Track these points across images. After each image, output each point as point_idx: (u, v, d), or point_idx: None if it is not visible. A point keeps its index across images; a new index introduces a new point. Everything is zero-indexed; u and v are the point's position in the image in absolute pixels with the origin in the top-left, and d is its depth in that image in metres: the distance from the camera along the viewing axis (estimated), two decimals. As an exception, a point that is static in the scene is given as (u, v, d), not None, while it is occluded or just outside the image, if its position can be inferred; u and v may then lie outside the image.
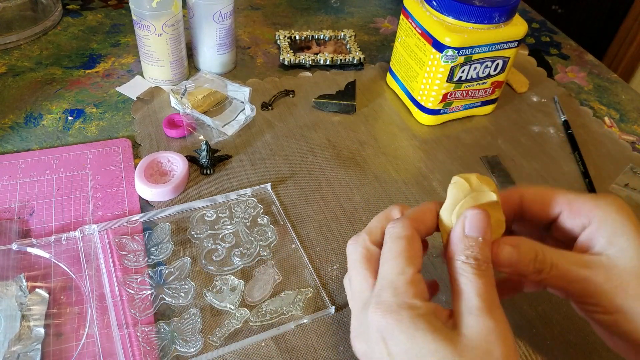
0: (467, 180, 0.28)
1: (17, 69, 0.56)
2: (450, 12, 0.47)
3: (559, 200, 0.29)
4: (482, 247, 0.26)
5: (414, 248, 0.26)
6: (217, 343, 0.34)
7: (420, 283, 0.25)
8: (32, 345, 0.33)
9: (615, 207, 0.27)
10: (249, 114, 0.51)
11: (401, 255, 0.26)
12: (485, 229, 0.26)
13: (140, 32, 0.51)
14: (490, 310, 0.24)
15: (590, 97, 0.62)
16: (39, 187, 0.43)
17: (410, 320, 0.24)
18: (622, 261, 0.26)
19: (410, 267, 0.25)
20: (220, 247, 0.40)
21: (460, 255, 0.26)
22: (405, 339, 0.24)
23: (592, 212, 0.27)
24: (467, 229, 0.26)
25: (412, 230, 0.27)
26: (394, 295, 0.25)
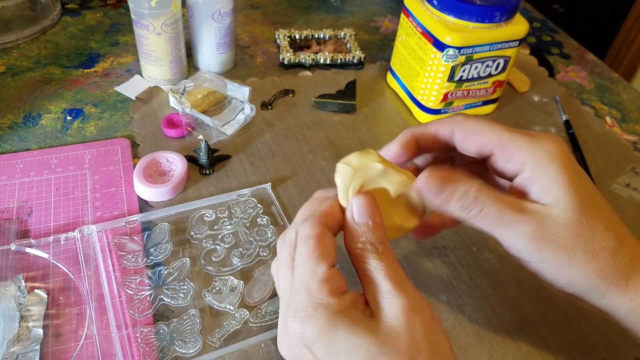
0: (347, 164, 0.28)
1: (16, 68, 0.56)
2: (451, 11, 0.47)
3: (491, 140, 0.27)
4: (374, 230, 0.26)
5: (325, 244, 0.26)
6: (217, 344, 0.34)
7: (335, 278, 0.25)
8: (31, 346, 0.33)
9: (550, 154, 0.26)
10: (249, 113, 0.51)
11: (311, 256, 0.25)
12: (373, 211, 0.26)
13: (139, 31, 0.51)
14: (400, 289, 0.24)
15: (591, 97, 0.61)
16: (37, 187, 0.43)
17: (327, 322, 0.24)
18: (555, 211, 0.25)
19: (321, 265, 0.25)
20: (219, 247, 0.40)
21: (356, 243, 0.26)
22: (327, 341, 0.24)
23: (525, 159, 0.26)
24: (355, 217, 0.26)
25: (320, 227, 0.26)
26: (308, 299, 0.24)
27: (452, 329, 0.36)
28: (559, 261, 0.26)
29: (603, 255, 0.26)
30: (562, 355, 0.36)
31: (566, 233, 0.25)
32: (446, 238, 0.42)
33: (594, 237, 0.26)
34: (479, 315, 0.37)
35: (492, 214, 0.26)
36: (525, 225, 0.25)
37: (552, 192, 0.26)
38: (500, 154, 0.27)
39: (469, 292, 0.39)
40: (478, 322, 0.37)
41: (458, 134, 0.28)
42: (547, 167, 0.26)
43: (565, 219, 0.25)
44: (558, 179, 0.26)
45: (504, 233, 0.26)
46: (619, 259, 0.26)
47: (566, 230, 0.25)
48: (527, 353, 0.36)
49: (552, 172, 0.26)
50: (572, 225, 0.25)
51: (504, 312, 0.38)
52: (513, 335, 0.37)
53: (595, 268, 0.26)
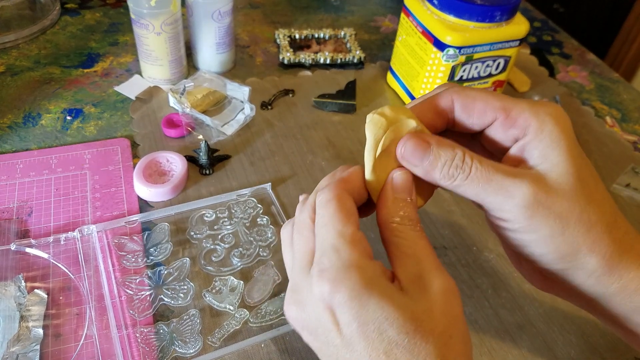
0: (382, 115, 0.26)
1: (16, 68, 0.56)
2: (452, 10, 0.47)
3: (494, 105, 0.25)
4: (411, 207, 0.25)
5: (347, 207, 0.24)
6: (217, 344, 0.34)
7: (362, 241, 0.24)
8: (31, 346, 0.33)
9: (553, 117, 0.24)
10: (249, 113, 0.51)
11: (335, 216, 0.24)
12: (412, 189, 0.25)
13: (138, 31, 0.51)
14: (441, 270, 0.23)
15: (591, 97, 0.61)
16: (37, 187, 0.43)
17: (361, 285, 0.22)
18: (552, 176, 0.24)
19: (347, 226, 0.23)
20: (219, 247, 0.40)
21: (393, 217, 0.24)
22: (358, 306, 0.22)
23: (529, 121, 0.25)
24: (396, 190, 0.25)
25: (340, 190, 0.25)
26: (338, 259, 0.22)
27: (452, 329, 0.36)
28: (551, 230, 0.24)
29: (598, 227, 0.24)
30: (562, 355, 0.36)
31: (562, 200, 0.24)
32: (446, 238, 0.42)
33: (590, 206, 0.24)
34: (479, 315, 0.37)
35: (480, 178, 0.24)
36: (517, 190, 0.23)
37: (552, 157, 0.24)
38: (503, 119, 0.25)
39: (469, 292, 0.39)
40: (478, 323, 0.37)
41: (459, 102, 0.26)
42: (550, 131, 0.24)
43: (561, 184, 0.24)
44: (560, 144, 0.24)
45: (494, 200, 0.24)
46: (613, 233, 0.24)
47: (562, 197, 0.24)
48: (528, 353, 0.36)
49: (554, 136, 0.24)
50: (569, 191, 0.24)
51: (504, 312, 0.38)
52: (513, 336, 0.37)
53: (588, 240, 0.24)
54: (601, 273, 0.24)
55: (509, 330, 0.37)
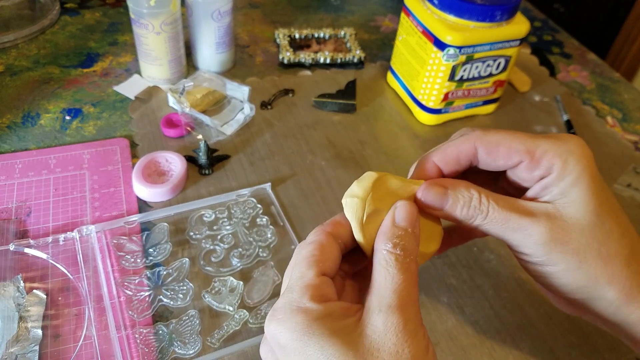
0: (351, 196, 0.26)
1: (15, 68, 0.55)
2: (452, 10, 0.47)
3: (518, 149, 0.26)
4: (411, 238, 0.24)
5: (323, 251, 0.24)
6: (216, 345, 0.34)
7: (323, 286, 0.23)
8: (30, 347, 0.33)
9: (576, 155, 0.25)
10: (248, 113, 0.51)
11: (304, 260, 0.24)
12: (415, 222, 0.25)
13: (138, 31, 0.51)
14: (403, 307, 0.22)
15: (592, 97, 0.61)
16: (36, 187, 0.43)
17: (302, 326, 0.22)
18: (569, 212, 0.25)
19: (311, 269, 0.24)
20: (219, 248, 0.40)
21: (387, 243, 0.24)
22: (298, 347, 0.22)
23: (552, 161, 0.25)
24: (398, 219, 0.25)
25: (324, 235, 0.25)
26: (289, 301, 0.23)
27: (453, 330, 0.36)
28: (567, 265, 0.25)
29: (616, 261, 0.25)
30: (563, 355, 0.36)
31: (579, 235, 0.25)
32: (447, 238, 0.42)
33: (608, 241, 0.25)
34: (479, 316, 0.37)
35: (498, 219, 0.25)
36: (535, 228, 0.25)
37: (572, 194, 0.25)
38: (527, 161, 0.26)
39: (469, 292, 0.39)
40: (479, 323, 0.37)
41: (482, 149, 0.27)
42: (573, 169, 0.25)
43: (579, 220, 0.25)
44: (581, 181, 0.25)
45: (513, 237, 0.25)
46: (633, 266, 0.25)
47: (579, 232, 0.25)
48: (528, 354, 0.35)
49: (576, 174, 0.25)
50: (587, 227, 0.25)
51: (504, 312, 0.38)
52: (514, 336, 0.36)
53: (606, 273, 0.25)
54: (620, 304, 0.25)
55: (510, 330, 0.37)
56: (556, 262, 0.25)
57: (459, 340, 0.36)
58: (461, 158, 0.27)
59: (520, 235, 0.25)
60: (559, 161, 0.25)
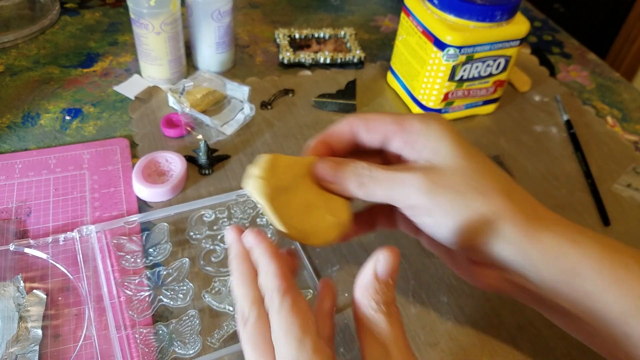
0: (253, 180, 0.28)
1: (15, 68, 0.55)
2: (452, 10, 0.47)
3: (387, 120, 0.30)
4: (392, 289, 0.25)
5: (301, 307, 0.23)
6: (216, 345, 0.34)
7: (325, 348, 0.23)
8: (30, 347, 0.33)
9: (437, 120, 0.29)
10: (248, 113, 0.51)
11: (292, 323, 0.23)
12: (395, 270, 0.25)
13: (138, 31, 0.51)
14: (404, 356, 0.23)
15: (592, 97, 0.61)
16: (36, 187, 0.43)
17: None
18: (441, 161, 0.28)
19: (307, 333, 0.23)
20: (219, 247, 0.40)
21: (370, 301, 0.24)
22: None
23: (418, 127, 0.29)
24: (380, 273, 0.24)
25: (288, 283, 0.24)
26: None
27: (453, 330, 0.36)
28: (452, 203, 0.26)
29: (495, 193, 0.27)
30: (563, 355, 0.36)
31: (454, 176, 0.27)
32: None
33: (484, 179, 0.27)
34: (479, 316, 0.37)
35: (384, 179, 0.28)
36: (415, 177, 0.27)
37: (440, 149, 0.28)
38: (397, 130, 0.29)
39: (469, 292, 0.39)
40: (479, 323, 0.37)
41: (360, 126, 0.30)
42: (435, 130, 0.28)
43: (451, 165, 0.27)
44: (445, 138, 0.28)
45: (399, 192, 0.28)
46: (514, 196, 0.27)
47: (454, 173, 0.27)
48: (528, 354, 0.35)
49: (439, 134, 0.28)
50: (460, 169, 0.27)
51: (504, 312, 0.38)
52: (514, 336, 0.36)
53: (490, 207, 0.26)
54: (519, 239, 0.26)
55: (510, 330, 0.37)
56: (440, 204, 0.27)
57: (459, 340, 0.36)
58: (343, 137, 0.31)
59: (405, 189, 0.27)
60: (423, 125, 0.29)
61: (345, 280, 0.38)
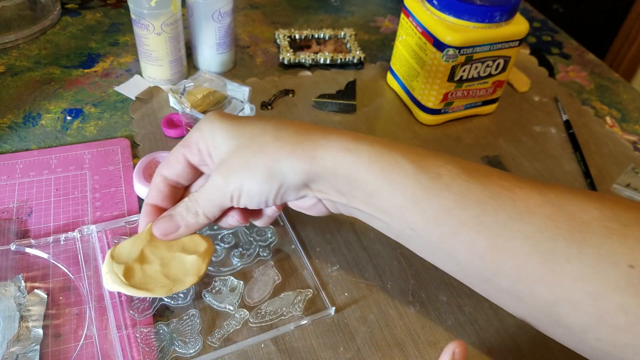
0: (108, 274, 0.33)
1: (16, 68, 0.56)
2: (451, 11, 0.47)
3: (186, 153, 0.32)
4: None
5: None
6: (217, 344, 0.34)
7: None
8: (31, 346, 0.33)
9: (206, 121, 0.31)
10: (249, 113, 0.51)
11: None
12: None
13: (139, 31, 0.51)
14: None
15: (591, 97, 0.61)
16: (37, 187, 0.43)
17: None
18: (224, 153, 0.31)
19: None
20: (219, 247, 0.40)
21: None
22: None
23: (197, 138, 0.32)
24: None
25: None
26: None
27: (452, 329, 0.36)
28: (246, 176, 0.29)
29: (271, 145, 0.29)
30: (562, 355, 0.36)
31: (237, 156, 0.30)
32: (446, 238, 0.42)
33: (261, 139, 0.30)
34: (479, 315, 0.37)
35: (202, 198, 0.32)
36: (214, 182, 0.31)
37: (222, 143, 0.31)
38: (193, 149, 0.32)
39: (468, 291, 0.39)
40: (478, 322, 0.37)
41: (170, 168, 0.33)
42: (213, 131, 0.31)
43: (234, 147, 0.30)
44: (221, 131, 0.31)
45: (218, 200, 0.31)
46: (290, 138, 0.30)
47: (236, 154, 0.30)
48: (528, 353, 0.36)
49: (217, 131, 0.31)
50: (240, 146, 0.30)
51: (504, 312, 0.38)
52: (513, 336, 0.37)
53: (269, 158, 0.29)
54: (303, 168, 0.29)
55: (509, 330, 0.37)
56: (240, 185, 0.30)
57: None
58: (167, 185, 0.34)
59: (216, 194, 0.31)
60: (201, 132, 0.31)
61: (345, 280, 0.39)
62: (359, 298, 0.38)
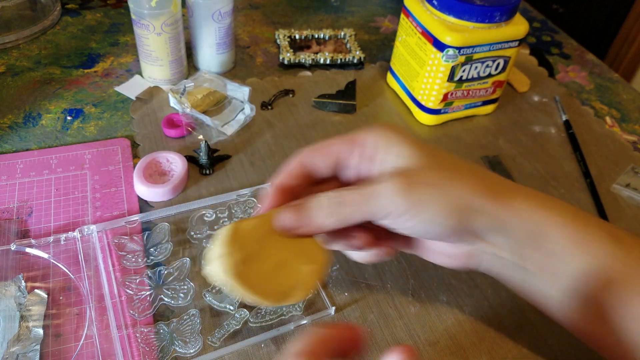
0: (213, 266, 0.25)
1: (16, 68, 0.56)
2: (451, 11, 0.47)
3: (340, 141, 0.30)
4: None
5: None
6: (217, 344, 0.34)
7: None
8: (31, 346, 0.33)
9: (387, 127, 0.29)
10: (249, 113, 0.51)
11: None
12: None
13: (139, 32, 0.51)
14: None
15: (591, 97, 0.61)
16: (37, 187, 0.43)
17: None
18: (405, 163, 0.28)
19: None
20: (219, 247, 0.40)
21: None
22: None
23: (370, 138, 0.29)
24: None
25: None
26: None
27: (452, 329, 0.36)
28: (432, 198, 0.27)
29: (465, 177, 0.28)
30: (562, 355, 0.36)
31: (425, 173, 0.27)
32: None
33: (450, 168, 0.28)
34: (478, 315, 0.38)
35: (355, 198, 0.27)
36: (387, 186, 0.27)
37: (405, 153, 0.28)
38: (355, 150, 0.29)
39: (468, 291, 0.39)
40: (478, 322, 0.37)
41: (315, 154, 0.30)
42: (394, 139, 0.28)
43: (418, 164, 0.28)
44: (402, 142, 0.28)
45: (376, 206, 0.27)
46: (480, 175, 0.28)
47: (424, 171, 0.27)
48: (528, 353, 0.36)
49: (399, 140, 0.28)
50: (427, 166, 0.28)
51: (504, 312, 0.38)
52: (513, 335, 0.37)
53: (464, 190, 0.27)
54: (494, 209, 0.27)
55: (509, 329, 0.37)
56: (419, 200, 0.27)
57: (458, 339, 0.36)
58: (297, 174, 0.30)
59: (379, 200, 0.27)
60: (379, 136, 0.29)
61: (345, 280, 0.39)
62: (359, 298, 0.38)
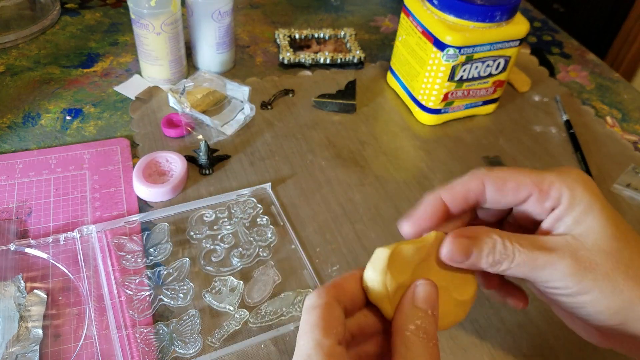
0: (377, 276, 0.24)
1: (15, 68, 0.55)
2: (452, 10, 0.47)
3: (526, 182, 0.26)
4: (433, 321, 0.24)
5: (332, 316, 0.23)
6: (216, 344, 0.34)
7: (341, 355, 0.22)
8: (31, 346, 0.33)
9: (581, 183, 0.26)
10: (248, 113, 0.51)
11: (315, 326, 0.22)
12: (435, 303, 0.24)
13: (138, 31, 0.51)
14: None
15: (592, 97, 0.61)
16: (37, 187, 0.43)
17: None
18: (589, 240, 0.25)
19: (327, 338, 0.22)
20: (219, 247, 0.40)
21: (409, 324, 0.23)
22: None
23: (561, 191, 0.26)
24: (418, 301, 0.24)
25: (329, 297, 0.23)
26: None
27: (453, 329, 0.36)
28: (600, 290, 0.25)
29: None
30: (563, 354, 0.36)
31: (604, 260, 0.25)
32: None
33: (633, 262, 0.25)
34: (479, 314, 0.37)
35: (524, 262, 0.25)
36: (561, 261, 0.25)
37: (586, 222, 0.25)
38: (537, 193, 0.26)
39: (469, 292, 0.39)
40: (479, 322, 0.37)
41: (490, 185, 0.27)
42: (582, 197, 0.26)
43: (600, 246, 0.25)
44: (591, 208, 0.25)
45: (542, 276, 0.25)
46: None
47: (604, 257, 0.25)
48: (528, 353, 0.36)
49: (586, 201, 0.25)
50: (610, 252, 0.25)
51: (504, 311, 0.38)
52: (514, 335, 0.36)
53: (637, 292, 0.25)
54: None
55: (510, 329, 0.37)
56: (588, 289, 0.25)
57: (459, 339, 0.36)
58: (469, 196, 0.27)
59: (548, 271, 0.25)
60: (567, 190, 0.26)
61: (345, 280, 0.39)
62: (359, 298, 0.37)
